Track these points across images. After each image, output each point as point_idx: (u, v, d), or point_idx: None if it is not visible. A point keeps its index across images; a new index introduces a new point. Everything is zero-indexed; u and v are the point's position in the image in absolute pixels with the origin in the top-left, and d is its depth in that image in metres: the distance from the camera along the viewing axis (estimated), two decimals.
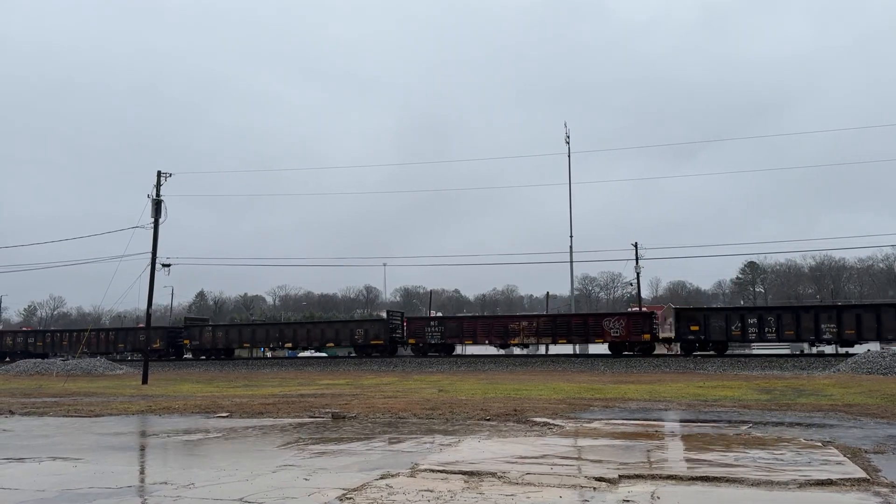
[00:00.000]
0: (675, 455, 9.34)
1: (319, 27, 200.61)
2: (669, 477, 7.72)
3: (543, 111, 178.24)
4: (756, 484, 7.34)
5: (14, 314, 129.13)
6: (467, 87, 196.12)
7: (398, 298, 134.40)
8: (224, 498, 6.91)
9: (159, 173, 34.53)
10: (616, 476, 7.71)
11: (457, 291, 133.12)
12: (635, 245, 58.58)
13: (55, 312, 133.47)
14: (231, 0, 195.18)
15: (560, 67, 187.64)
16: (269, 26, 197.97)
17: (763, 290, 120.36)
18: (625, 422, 13.62)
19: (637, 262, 58.70)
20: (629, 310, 57.73)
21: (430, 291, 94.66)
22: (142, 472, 9.10)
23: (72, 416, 16.26)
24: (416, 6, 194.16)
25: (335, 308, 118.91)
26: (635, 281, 61.61)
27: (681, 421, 13.76)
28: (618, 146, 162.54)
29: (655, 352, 42.13)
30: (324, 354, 51.70)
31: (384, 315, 51.74)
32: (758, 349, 45.91)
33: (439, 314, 76.26)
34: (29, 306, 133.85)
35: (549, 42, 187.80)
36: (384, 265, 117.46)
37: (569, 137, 56.53)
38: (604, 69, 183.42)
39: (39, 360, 48.44)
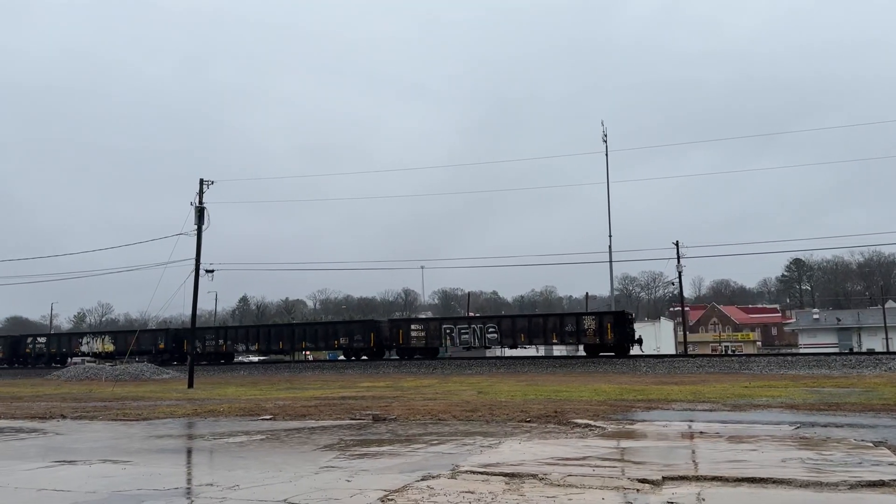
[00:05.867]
0: (720, 456, 9.17)
1: (362, 30, 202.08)
2: (715, 478, 7.58)
3: (606, 106, 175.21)
4: (805, 485, 7.17)
5: (64, 321, 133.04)
6: (518, 85, 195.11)
7: (436, 301, 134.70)
8: (268, 499, 7.00)
9: (202, 181, 35.21)
10: (660, 477, 7.60)
11: (495, 293, 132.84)
12: (676, 244, 57.78)
13: (103, 319, 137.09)
14: (284, 5, 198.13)
15: (628, 60, 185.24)
16: (304, 29, 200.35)
17: (810, 288, 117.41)
18: (668, 423, 13.42)
19: (679, 261, 57.87)
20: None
21: (468, 293, 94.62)
22: (188, 474, 9.27)
23: (120, 420, 16.66)
24: (459, 8, 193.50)
25: (374, 311, 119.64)
26: (677, 280, 60.77)
27: (725, 422, 13.50)
28: (686, 139, 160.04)
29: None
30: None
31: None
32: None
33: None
34: (79, 313, 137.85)
35: (616, 34, 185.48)
36: (422, 268, 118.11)
37: (606, 136, 56.10)
38: (670, 61, 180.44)
39: (90, 365, 49.36)
